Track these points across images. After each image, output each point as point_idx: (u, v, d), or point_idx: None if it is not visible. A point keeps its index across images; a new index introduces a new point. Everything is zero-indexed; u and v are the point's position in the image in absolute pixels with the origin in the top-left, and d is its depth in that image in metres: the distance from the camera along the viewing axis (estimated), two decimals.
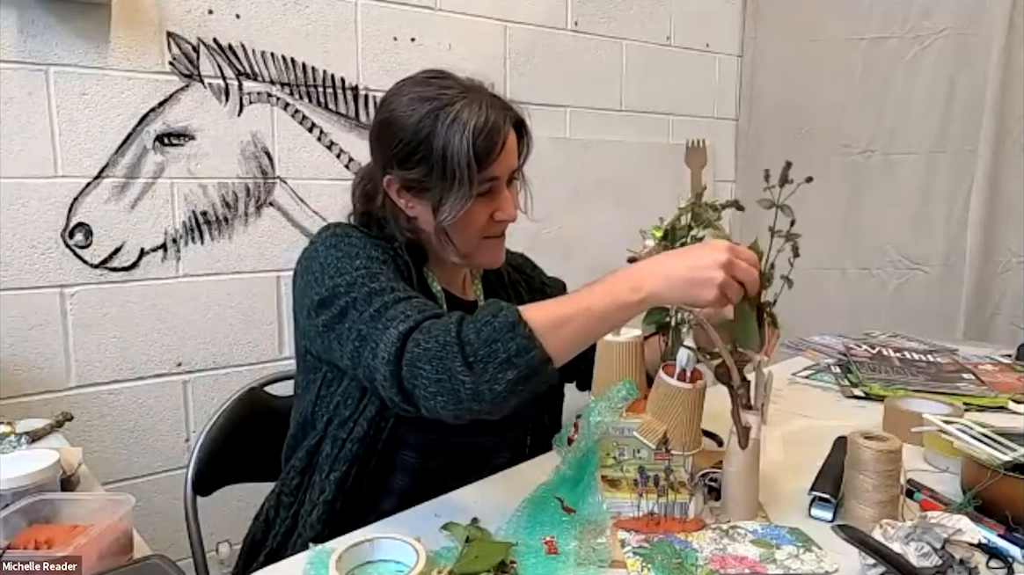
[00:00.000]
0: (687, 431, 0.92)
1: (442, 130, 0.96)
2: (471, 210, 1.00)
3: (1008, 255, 2.29)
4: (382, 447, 1.02)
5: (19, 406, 1.47)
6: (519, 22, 2.12)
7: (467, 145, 0.95)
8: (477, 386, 0.80)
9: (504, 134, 0.99)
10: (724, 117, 2.70)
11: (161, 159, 1.61)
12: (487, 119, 0.97)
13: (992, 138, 2.24)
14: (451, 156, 0.96)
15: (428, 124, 0.97)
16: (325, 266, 0.98)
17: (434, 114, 0.97)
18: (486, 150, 0.97)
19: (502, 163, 1.00)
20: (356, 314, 0.92)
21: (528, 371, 0.81)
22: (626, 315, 0.86)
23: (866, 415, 1.36)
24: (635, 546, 0.86)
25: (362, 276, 0.95)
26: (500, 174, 1.01)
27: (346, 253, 0.98)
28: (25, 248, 1.49)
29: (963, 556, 0.77)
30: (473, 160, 0.96)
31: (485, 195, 1.02)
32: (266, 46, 1.71)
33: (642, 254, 0.97)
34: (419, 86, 1.02)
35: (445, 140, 0.96)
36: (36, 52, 1.46)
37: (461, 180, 0.96)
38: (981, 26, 2.26)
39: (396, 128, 1.00)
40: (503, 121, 0.99)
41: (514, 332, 0.81)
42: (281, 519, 1.06)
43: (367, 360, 0.88)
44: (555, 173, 2.23)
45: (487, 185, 1.01)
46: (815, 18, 2.55)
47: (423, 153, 0.98)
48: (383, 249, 1.03)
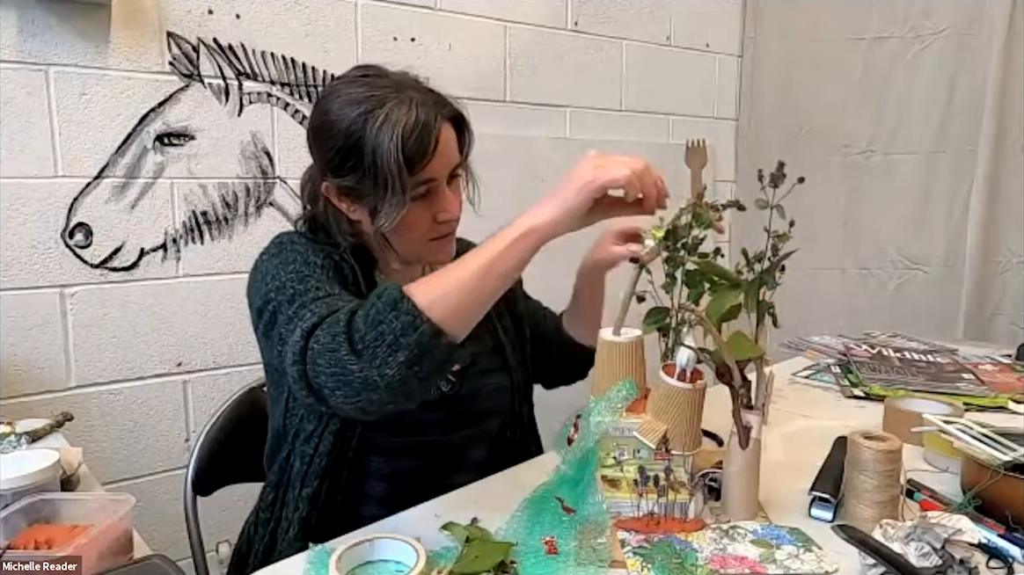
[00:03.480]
0: (687, 431, 0.92)
1: (371, 135, 0.92)
2: (411, 216, 0.96)
3: (1008, 255, 2.29)
4: (352, 456, 1.00)
5: (19, 406, 1.47)
6: (519, 22, 2.12)
7: (396, 149, 0.90)
8: (367, 373, 0.76)
9: (436, 133, 0.94)
10: (724, 117, 2.70)
11: (161, 159, 1.61)
12: (417, 119, 0.92)
13: (992, 138, 2.24)
14: (381, 162, 0.91)
15: (358, 129, 0.93)
16: (264, 274, 0.97)
17: (363, 118, 0.93)
18: (417, 153, 0.92)
19: (437, 163, 0.96)
20: (281, 318, 0.90)
21: (419, 349, 0.75)
22: (518, 256, 0.82)
23: (866, 415, 1.36)
24: (635, 546, 0.86)
25: (291, 280, 0.92)
26: (436, 175, 0.97)
27: (283, 260, 0.97)
28: (25, 248, 1.49)
29: (963, 556, 0.77)
30: (403, 165, 0.91)
31: (424, 198, 0.98)
32: (266, 46, 1.71)
33: (642, 254, 0.97)
34: (351, 86, 0.97)
35: (375, 145, 0.92)
36: (36, 52, 1.46)
37: (394, 186, 0.92)
38: (981, 26, 2.26)
39: (328, 134, 0.96)
40: (435, 119, 0.94)
41: (397, 310, 0.76)
42: (260, 537, 1.05)
43: (286, 363, 0.83)
44: (555, 173, 2.21)
45: (423, 188, 0.97)
46: (815, 18, 2.55)
47: (355, 159, 0.94)
48: (325, 254, 0.99)
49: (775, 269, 0.99)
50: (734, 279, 0.96)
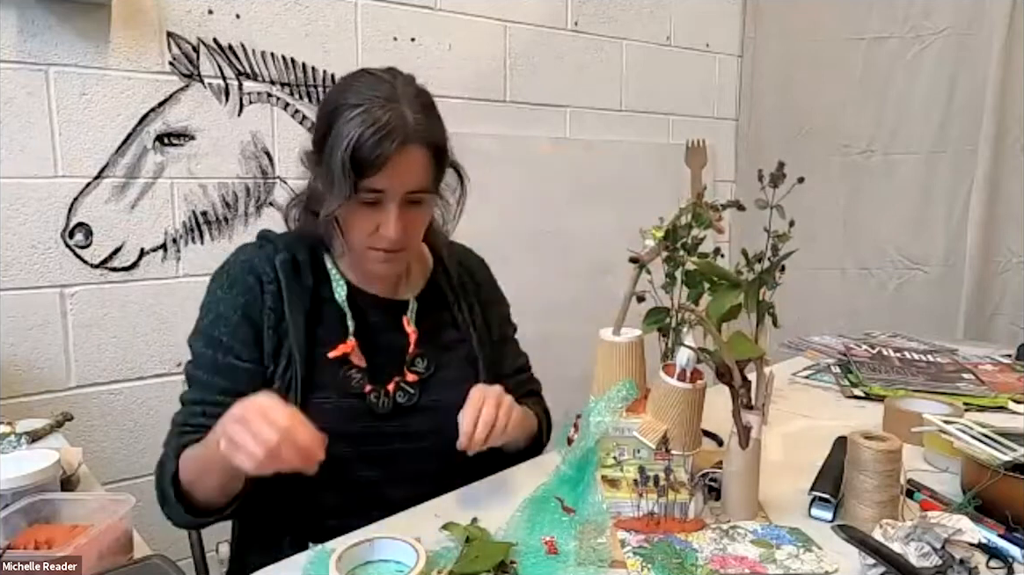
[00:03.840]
0: (687, 431, 0.92)
1: (339, 125, 0.94)
2: (355, 216, 0.99)
3: (1008, 255, 2.29)
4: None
5: (19, 406, 1.47)
6: (519, 22, 2.12)
7: (348, 148, 0.92)
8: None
9: (392, 150, 0.93)
10: (724, 117, 2.70)
11: (161, 159, 1.61)
12: (380, 128, 0.92)
13: (992, 138, 2.24)
14: (335, 153, 0.94)
15: (336, 116, 0.96)
16: (202, 302, 1.06)
17: (345, 108, 0.95)
18: (366, 159, 0.93)
19: (388, 178, 0.95)
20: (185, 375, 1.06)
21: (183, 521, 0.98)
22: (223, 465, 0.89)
23: (866, 415, 1.36)
24: (635, 546, 0.86)
25: (199, 343, 1.03)
26: (385, 188, 0.96)
27: (210, 302, 1.04)
28: (25, 248, 1.49)
29: (963, 556, 0.77)
30: (349, 165, 0.93)
31: (371, 206, 0.98)
32: (266, 46, 1.71)
33: (642, 254, 0.97)
34: (368, 77, 1.00)
35: (335, 135, 0.94)
36: (36, 52, 1.46)
37: (338, 180, 0.94)
38: (981, 26, 2.26)
39: (324, 105, 1.02)
40: (401, 136, 0.93)
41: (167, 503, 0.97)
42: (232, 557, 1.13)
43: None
44: (555, 173, 2.23)
45: (371, 196, 0.96)
46: (815, 18, 2.55)
47: (323, 141, 0.97)
48: (248, 297, 1.02)
49: (775, 269, 0.99)
50: (734, 280, 0.96)
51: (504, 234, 2.04)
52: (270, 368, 1.01)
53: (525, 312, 1.30)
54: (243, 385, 0.98)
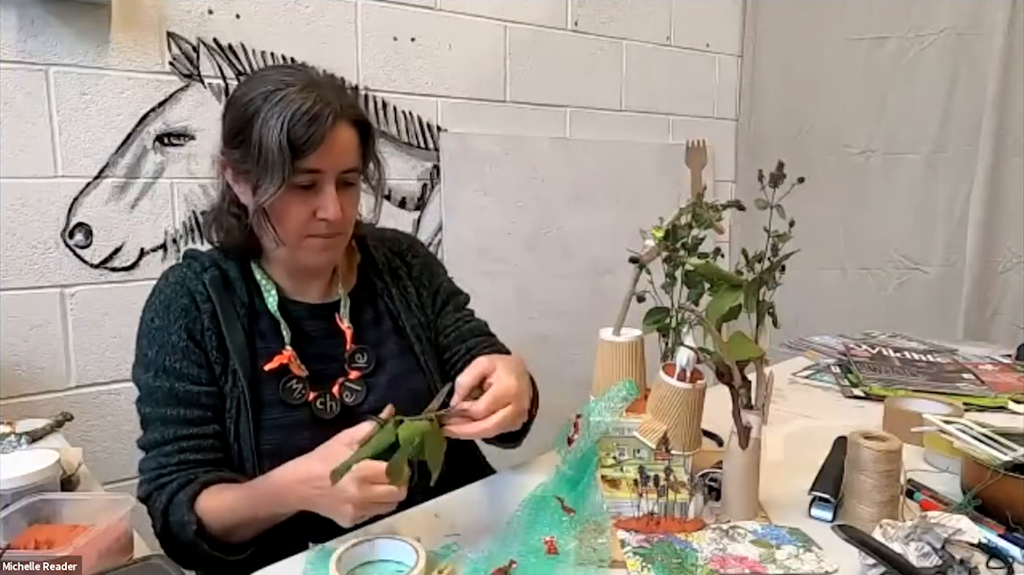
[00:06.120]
0: (687, 431, 0.92)
1: (265, 111, 0.93)
2: (289, 202, 0.97)
3: (1008, 255, 2.28)
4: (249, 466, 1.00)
5: (19, 406, 1.47)
6: (519, 22, 2.12)
7: (282, 128, 0.91)
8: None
9: (327, 126, 0.94)
10: (724, 117, 2.70)
11: (161, 159, 1.61)
12: (311, 107, 0.93)
13: (992, 138, 2.24)
14: (266, 137, 0.92)
15: (256, 104, 0.94)
16: (139, 332, 1.04)
17: (264, 96, 0.94)
18: (301, 138, 0.92)
19: (324, 158, 0.95)
20: (140, 417, 1.03)
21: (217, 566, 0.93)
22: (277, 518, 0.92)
23: (866, 415, 1.36)
24: (635, 546, 0.87)
25: (148, 378, 1.01)
26: (323, 168, 0.96)
27: (150, 330, 1.02)
28: (25, 248, 1.49)
29: (963, 556, 0.77)
30: (286, 145, 0.92)
31: (307, 189, 0.97)
32: (266, 46, 1.71)
33: (642, 254, 0.97)
34: (272, 71, 1.01)
35: (264, 120, 0.93)
36: (36, 52, 1.46)
37: (274, 164, 0.92)
38: (981, 26, 2.26)
39: (233, 107, 0.99)
40: (330, 114, 0.94)
41: (194, 554, 0.92)
42: None
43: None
44: (555, 173, 2.23)
45: (307, 177, 0.96)
46: (815, 18, 2.55)
47: (246, 133, 0.95)
48: (182, 311, 1.01)
49: (775, 269, 0.99)
50: (734, 280, 0.96)
51: (504, 234, 2.05)
52: (224, 387, 1.00)
53: (525, 312, 1.30)
54: (209, 410, 0.99)
